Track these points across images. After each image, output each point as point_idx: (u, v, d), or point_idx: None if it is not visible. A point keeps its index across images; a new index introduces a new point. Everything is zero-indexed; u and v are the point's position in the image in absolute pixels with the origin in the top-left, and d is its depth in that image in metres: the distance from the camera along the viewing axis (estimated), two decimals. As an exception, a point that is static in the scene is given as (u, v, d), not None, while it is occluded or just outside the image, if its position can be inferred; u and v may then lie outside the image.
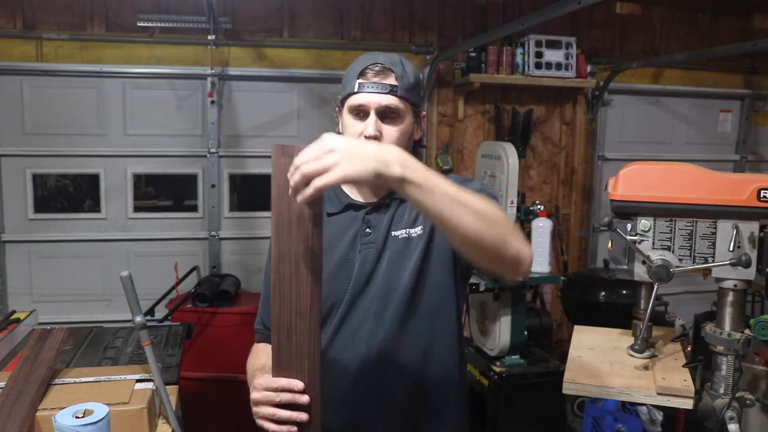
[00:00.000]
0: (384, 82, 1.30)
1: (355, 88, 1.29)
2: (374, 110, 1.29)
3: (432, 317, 1.34)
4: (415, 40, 3.98)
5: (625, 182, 1.53)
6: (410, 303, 1.32)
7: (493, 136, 4.14)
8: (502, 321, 2.93)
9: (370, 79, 1.29)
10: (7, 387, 1.42)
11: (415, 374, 1.33)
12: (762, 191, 1.42)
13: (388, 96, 1.29)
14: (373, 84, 1.29)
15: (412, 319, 1.33)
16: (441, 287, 1.35)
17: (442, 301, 1.36)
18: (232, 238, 3.88)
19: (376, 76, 1.29)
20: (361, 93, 1.29)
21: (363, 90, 1.29)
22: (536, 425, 2.99)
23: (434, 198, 0.98)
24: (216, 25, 3.61)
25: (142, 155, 3.72)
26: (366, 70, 1.30)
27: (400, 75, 1.31)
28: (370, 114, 1.29)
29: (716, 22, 4.48)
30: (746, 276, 1.47)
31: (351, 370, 1.32)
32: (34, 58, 3.51)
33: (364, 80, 1.29)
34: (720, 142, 4.68)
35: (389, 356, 1.32)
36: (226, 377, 3.17)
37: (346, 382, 1.32)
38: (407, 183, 0.96)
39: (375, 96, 1.29)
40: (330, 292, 1.33)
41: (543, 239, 2.99)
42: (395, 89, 1.30)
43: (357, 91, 1.29)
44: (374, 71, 1.29)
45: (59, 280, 3.68)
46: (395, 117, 1.31)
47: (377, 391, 1.33)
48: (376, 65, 1.30)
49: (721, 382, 1.50)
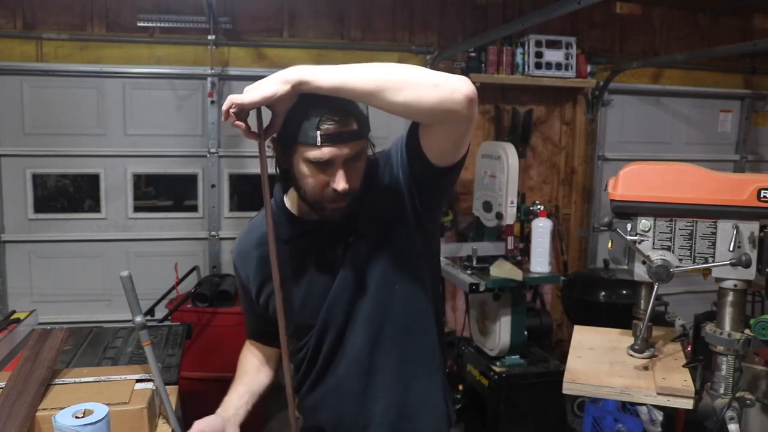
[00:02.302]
0: (348, 129, 1.19)
1: (317, 140, 1.17)
2: (342, 162, 1.21)
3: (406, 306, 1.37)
4: (415, 40, 3.98)
5: (625, 182, 1.53)
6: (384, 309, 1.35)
7: (493, 136, 4.14)
8: (502, 321, 2.93)
9: (332, 131, 1.17)
10: (7, 387, 1.42)
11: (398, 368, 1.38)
12: (762, 191, 1.42)
13: (355, 143, 1.21)
14: (337, 135, 1.18)
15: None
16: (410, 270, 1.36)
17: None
18: (232, 238, 3.87)
19: (337, 125, 1.18)
20: (326, 147, 1.17)
21: (327, 144, 1.17)
22: (536, 425, 2.99)
23: (344, 81, 1.11)
24: (216, 25, 3.61)
25: (142, 155, 3.72)
26: (325, 119, 1.17)
27: (357, 113, 1.22)
28: (337, 167, 1.21)
29: (716, 22, 4.48)
30: (746, 276, 1.47)
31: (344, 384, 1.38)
32: (34, 58, 3.51)
33: (325, 132, 1.17)
34: (720, 142, 4.68)
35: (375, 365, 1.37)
36: (226, 377, 3.12)
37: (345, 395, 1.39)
38: (310, 81, 1.11)
39: (344, 149, 1.19)
40: (305, 317, 1.38)
41: (543, 239, 2.99)
42: (360, 133, 1.22)
43: (320, 144, 1.17)
44: (335, 120, 1.17)
45: (59, 280, 3.68)
46: (359, 156, 1.24)
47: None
48: (335, 113, 1.17)
49: (721, 382, 1.50)
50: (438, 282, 1.47)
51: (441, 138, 1.21)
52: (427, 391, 1.41)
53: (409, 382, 1.38)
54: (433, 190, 1.32)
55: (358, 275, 1.33)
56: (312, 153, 1.19)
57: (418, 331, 1.39)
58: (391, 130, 3.76)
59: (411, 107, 1.13)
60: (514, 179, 2.93)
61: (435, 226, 1.43)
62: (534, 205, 3.15)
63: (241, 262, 1.47)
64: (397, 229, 1.34)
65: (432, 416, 1.42)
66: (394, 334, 1.36)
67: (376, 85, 1.11)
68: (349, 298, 1.34)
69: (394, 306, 1.35)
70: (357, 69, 1.13)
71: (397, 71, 1.13)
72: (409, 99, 1.11)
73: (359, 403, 1.37)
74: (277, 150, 1.28)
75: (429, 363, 1.41)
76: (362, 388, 1.37)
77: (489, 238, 3.17)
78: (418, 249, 1.37)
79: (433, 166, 1.25)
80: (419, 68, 1.16)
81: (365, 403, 1.37)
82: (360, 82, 1.12)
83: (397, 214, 1.33)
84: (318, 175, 1.22)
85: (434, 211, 1.38)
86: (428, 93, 1.11)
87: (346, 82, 1.12)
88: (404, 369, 1.38)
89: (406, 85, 1.12)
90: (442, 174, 1.28)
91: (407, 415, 1.38)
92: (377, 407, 1.37)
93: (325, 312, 1.35)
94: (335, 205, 1.26)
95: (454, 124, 1.17)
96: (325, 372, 1.40)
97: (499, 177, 2.97)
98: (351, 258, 1.33)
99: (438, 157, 1.24)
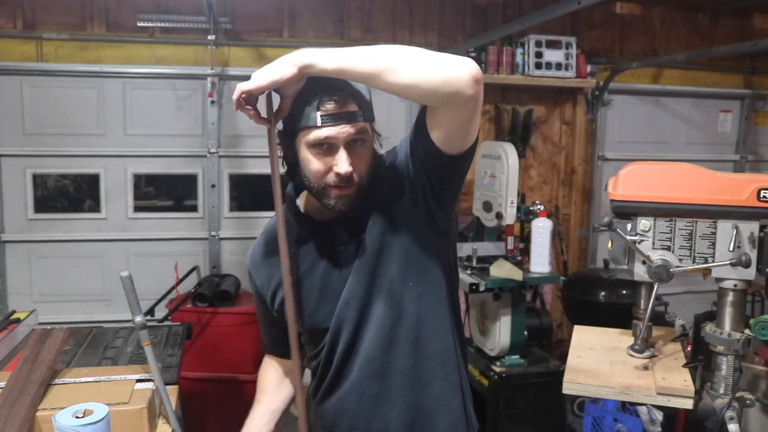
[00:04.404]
0: (347, 110, 1.20)
1: (317, 121, 1.18)
2: (343, 144, 1.21)
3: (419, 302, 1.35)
4: (415, 40, 3.98)
5: (625, 182, 1.53)
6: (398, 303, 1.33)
7: (493, 136, 4.14)
8: (502, 321, 2.93)
9: (331, 110, 1.19)
10: (7, 387, 1.42)
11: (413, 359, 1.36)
12: (762, 191, 1.42)
13: (355, 124, 1.21)
14: (337, 115, 1.19)
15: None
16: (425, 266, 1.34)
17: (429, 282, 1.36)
18: (232, 238, 3.88)
19: (337, 105, 1.19)
20: (326, 127, 1.18)
21: (327, 123, 1.18)
22: (536, 425, 2.99)
23: (348, 62, 1.12)
24: (216, 25, 3.61)
25: (142, 155, 3.72)
26: (324, 100, 1.19)
27: (358, 96, 1.23)
28: (339, 148, 1.21)
29: (716, 22, 4.48)
30: (746, 276, 1.47)
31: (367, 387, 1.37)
32: (34, 58, 3.51)
33: (325, 112, 1.18)
34: (720, 142, 4.68)
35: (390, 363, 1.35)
36: (226, 377, 3.17)
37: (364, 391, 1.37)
38: (315, 63, 1.12)
39: (344, 128, 1.19)
40: (320, 320, 1.36)
41: (543, 239, 2.99)
42: (359, 115, 1.22)
43: (321, 125, 1.18)
44: (334, 100, 1.19)
45: (59, 280, 3.68)
46: (362, 142, 1.24)
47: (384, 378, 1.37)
48: (334, 94, 1.19)
49: (721, 382, 1.50)
50: (454, 280, 1.44)
51: (448, 121, 1.19)
52: (442, 392, 1.37)
53: (424, 382, 1.35)
54: (445, 180, 1.28)
55: (370, 275, 1.31)
56: (313, 134, 1.20)
57: (432, 330, 1.35)
58: (392, 129, 3.76)
59: (415, 87, 1.13)
60: (514, 179, 2.93)
61: (448, 221, 1.39)
62: (534, 205, 3.15)
63: (254, 268, 1.46)
64: (408, 226, 1.31)
65: (446, 419, 1.37)
66: (408, 334, 1.33)
67: (380, 65, 1.12)
68: (362, 299, 1.32)
69: (406, 305, 1.32)
70: (361, 51, 1.13)
71: (401, 52, 1.14)
72: (414, 79, 1.11)
73: (375, 406, 1.35)
74: (284, 143, 1.28)
75: (444, 363, 1.37)
76: (377, 391, 1.34)
77: (489, 238, 3.17)
78: (430, 246, 1.34)
79: (442, 154, 1.23)
80: (423, 50, 1.15)
81: (381, 406, 1.35)
82: (364, 63, 1.12)
83: (407, 210, 1.31)
84: (320, 160, 1.22)
85: (446, 204, 1.33)
86: (432, 73, 1.11)
87: (349, 63, 1.12)
88: (419, 370, 1.35)
89: (409, 65, 1.12)
90: (452, 162, 1.25)
91: (422, 417, 1.35)
92: (393, 410, 1.34)
93: (338, 313, 1.33)
94: (340, 192, 1.24)
95: (459, 104, 1.15)
96: (341, 375, 1.37)
97: (499, 177, 2.97)
98: (362, 257, 1.31)
99: (447, 142, 1.22)
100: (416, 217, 1.31)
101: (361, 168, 1.24)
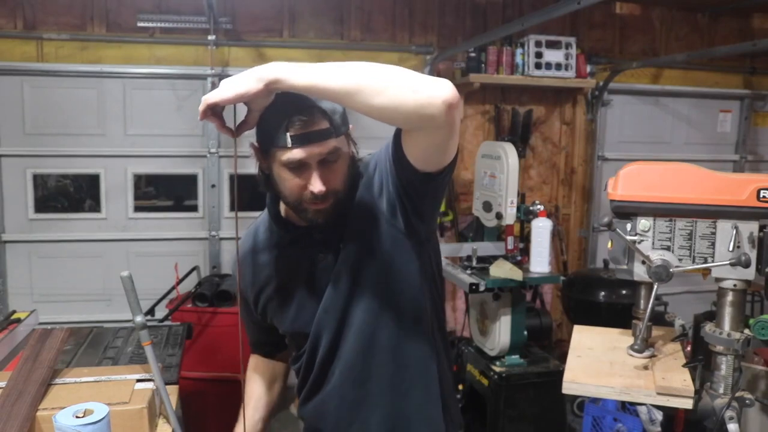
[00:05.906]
0: (318, 128, 1.17)
1: (287, 142, 1.16)
2: (316, 163, 1.19)
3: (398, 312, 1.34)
4: (415, 40, 3.98)
5: (624, 182, 1.53)
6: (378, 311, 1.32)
7: (493, 136, 4.14)
8: (502, 321, 2.93)
9: (300, 130, 1.16)
10: (7, 387, 1.42)
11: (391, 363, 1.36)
12: (762, 191, 1.42)
13: (327, 142, 1.18)
14: (306, 135, 1.16)
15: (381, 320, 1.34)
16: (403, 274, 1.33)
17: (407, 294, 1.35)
18: (232, 238, 3.86)
19: (307, 124, 1.16)
20: (297, 148, 1.16)
21: (297, 144, 1.16)
22: (536, 425, 2.99)
23: (319, 80, 1.07)
24: (216, 25, 3.61)
25: (142, 155, 3.72)
26: (293, 120, 1.16)
27: (329, 111, 1.19)
28: (312, 167, 1.19)
29: (716, 22, 4.49)
30: (746, 276, 1.47)
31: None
32: (35, 58, 3.52)
33: (294, 132, 1.15)
34: (720, 142, 4.68)
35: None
36: (226, 377, 3.17)
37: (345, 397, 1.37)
38: (284, 79, 1.07)
39: (314, 148, 1.17)
40: (301, 325, 1.37)
41: (543, 239, 2.99)
42: (330, 132, 1.18)
43: (291, 146, 1.16)
44: (302, 121, 1.16)
45: (59, 280, 3.68)
46: (336, 156, 1.21)
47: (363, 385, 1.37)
48: (303, 113, 1.16)
49: (721, 382, 1.50)
50: (437, 288, 1.42)
51: (421, 144, 1.15)
52: (422, 402, 1.36)
53: (403, 391, 1.35)
54: (421, 195, 1.26)
55: (350, 281, 1.31)
56: (285, 156, 1.18)
57: (412, 338, 1.34)
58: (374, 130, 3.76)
59: (387, 112, 1.07)
60: (514, 179, 2.94)
61: (428, 230, 1.38)
62: (534, 205, 3.14)
63: (241, 267, 1.46)
64: (387, 236, 1.30)
65: (426, 428, 1.37)
66: (387, 341, 1.32)
67: (351, 86, 1.06)
68: (341, 307, 1.31)
69: (386, 312, 1.32)
70: (333, 68, 1.08)
71: (375, 73, 1.07)
72: (386, 103, 1.06)
73: (356, 411, 1.35)
74: (258, 156, 1.26)
75: (424, 373, 1.36)
76: (358, 396, 1.34)
77: (489, 238, 3.17)
78: (410, 253, 1.32)
79: (417, 172, 1.20)
80: (399, 70, 1.09)
81: (361, 411, 1.35)
82: (335, 83, 1.06)
83: (387, 220, 1.29)
84: (294, 179, 1.20)
85: (425, 215, 1.32)
86: (405, 98, 1.05)
87: (320, 82, 1.07)
88: (399, 378, 1.34)
89: (383, 88, 1.06)
90: (429, 179, 1.21)
91: (403, 425, 1.35)
92: (373, 416, 1.35)
93: (317, 321, 1.34)
94: (316, 207, 1.23)
95: (432, 130, 1.10)
96: (322, 379, 1.38)
97: (499, 177, 2.97)
98: (342, 264, 1.31)
99: (422, 162, 1.19)
100: (396, 226, 1.30)
101: (336, 183, 1.23)
